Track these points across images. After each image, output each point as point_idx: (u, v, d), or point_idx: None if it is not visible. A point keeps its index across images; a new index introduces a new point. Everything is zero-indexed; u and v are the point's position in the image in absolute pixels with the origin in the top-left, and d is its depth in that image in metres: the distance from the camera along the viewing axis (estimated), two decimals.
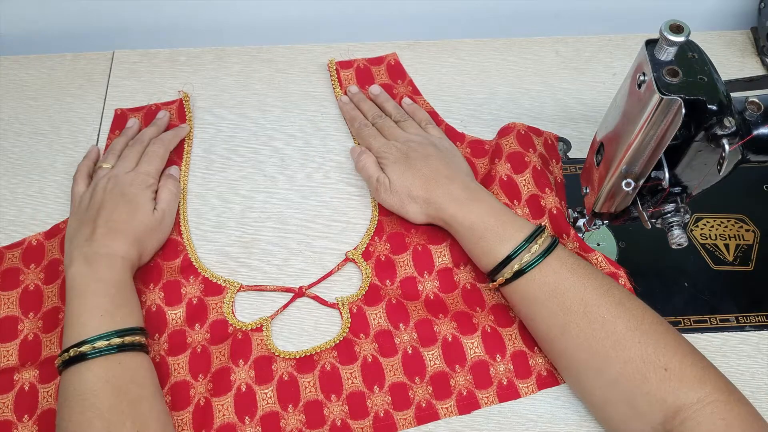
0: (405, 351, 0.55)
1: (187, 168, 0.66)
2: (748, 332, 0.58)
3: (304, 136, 0.69)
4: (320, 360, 0.55)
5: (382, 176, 0.60)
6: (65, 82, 0.72)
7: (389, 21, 0.79)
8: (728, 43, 0.76)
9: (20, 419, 0.53)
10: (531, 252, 0.52)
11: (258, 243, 0.62)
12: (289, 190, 0.65)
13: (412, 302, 0.58)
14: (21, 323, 0.57)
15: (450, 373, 0.55)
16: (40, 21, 0.76)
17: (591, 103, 0.71)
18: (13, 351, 0.56)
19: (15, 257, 0.60)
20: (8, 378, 0.54)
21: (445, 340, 0.56)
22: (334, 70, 0.71)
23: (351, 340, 0.56)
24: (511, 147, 0.62)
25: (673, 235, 0.52)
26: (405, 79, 0.71)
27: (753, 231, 0.63)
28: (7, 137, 0.68)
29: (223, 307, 0.58)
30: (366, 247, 0.61)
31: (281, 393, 0.54)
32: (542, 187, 0.60)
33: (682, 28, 0.43)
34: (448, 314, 0.57)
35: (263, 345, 0.56)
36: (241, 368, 0.54)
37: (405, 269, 0.59)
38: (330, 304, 0.58)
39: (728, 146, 0.44)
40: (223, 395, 0.53)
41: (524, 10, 0.79)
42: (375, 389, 0.54)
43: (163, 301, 0.57)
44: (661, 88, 0.43)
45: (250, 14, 0.78)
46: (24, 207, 0.64)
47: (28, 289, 0.58)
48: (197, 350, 0.55)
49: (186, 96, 0.69)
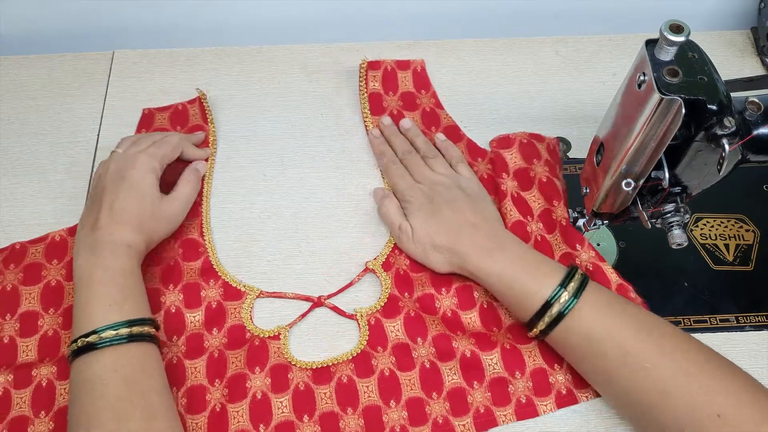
0: (423, 365, 0.54)
1: (212, 170, 0.65)
2: (748, 332, 0.58)
3: (304, 136, 0.69)
4: (337, 372, 0.55)
5: (404, 224, 0.59)
6: (65, 82, 0.72)
7: (389, 21, 0.79)
8: (728, 43, 0.76)
9: (37, 415, 0.53)
10: (561, 302, 0.50)
11: (258, 243, 0.62)
12: (289, 190, 0.65)
13: (430, 316, 0.57)
14: (41, 318, 0.57)
15: (468, 389, 0.54)
16: (40, 21, 0.76)
17: (591, 103, 0.71)
18: (32, 346, 0.56)
19: (38, 252, 0.60)
20: (26, 373, 0.54)
21: (464, 355, 0.55)
22: (364, 71, 0.70)
23: (368, 353, 0.55)
24: (516, 163, 0.61)
25: (673, 235, 0.52)
26: (429, 90, 0.70)
27: (753, 231, 0.63)
28: (7, 137, 0.68)
29: (242, 312, 0.57)
30: (386, 258, 0.60)
31: (297, 402, 0.53)
32: (551, 199, 0.60)
33: (682, 28, 0.43)
34: (466, 332, 0.56)
35: (280, 353, 0.55)
36: (257, 375, 0.54)
37: (423, 287, 0.58)
38: (348, 315, 0.58)
39: (728, 146, 0.44)
40: (239, 402, 0.53)
41: (524, 10, 0.79)
42: (391, 404, 0.53)
43: (182, 303, 0.57)
44: (661, 88, 0.43)
45: (250, 14, 0.78)
46: (24, 207, 0.64)
47: (49, 285, 0.58)
48: (214, 355, 0.55)
49: (203, 95, 0.69)
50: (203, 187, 0.64)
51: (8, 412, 0.53)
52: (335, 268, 0.61)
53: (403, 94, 0.70)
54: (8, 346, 0.56)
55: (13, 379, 0.54)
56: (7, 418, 0.52)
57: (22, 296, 0.57)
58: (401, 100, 0.69)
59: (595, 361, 0.50)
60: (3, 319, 0.57)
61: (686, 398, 0.45)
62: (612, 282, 0.57)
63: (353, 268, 0.61)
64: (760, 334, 0.58)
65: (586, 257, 0.58)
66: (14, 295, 0.58)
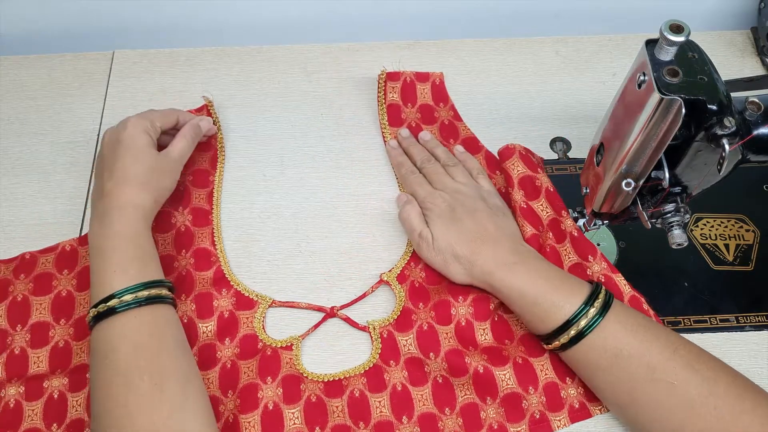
0: (435, 380, 0.54)
1: (221, 175, 0.65)
2: (748, 332, 0.58)
3: (303, 136, 0.69)
4: (349, 385, 0.54)
5: (425, 231, 0.58)
6: (65, 82, 0.72)
7: (389, 21, 0.79)
8: (728, 43, 0.76)
9: (49, 427, 0.52)
10: (588, 317, 0.50)
11: (258, 243, 0.62)
12: (289, 190, 0.65)
13: (443, 327, 0.56)
14: (52, 329, 0.56)
15: (481, 405, 0.53)
16: (40, 21, 0.76)
17: (591, 103, 0.71)
18: (43, 357, 0.55)
19: (48, 262, 0.59)
20: (38, 385, 0.53)
21: (477, 371, 0.54)
22: (383, 82, 0.69)
23: (381, 366, 0.55)
24: (519, 171, 0.61)
25: (673, 235, 0.52)
26: (447, 103, 0.70)
27: (753, 231, 0.63)
28: (7, 137, 0.68)
29: (254, 322, 0.57)
30: (401, 270, 0.60)
31: (308, 414, 0.53)
32: (558, 210, 0.60)
33: (682, 28, 0.43)
34: (478, 348, 0.56)
35: (292, 364, 0.55)
36: (269, 386, 0.54)
37: (440, 295, 0.58)
38: (361, 327, 0.57)
39: (728, 146, 0.44)
40: (251, 412, 0.52)
41: (524, 10, 0.79)
42: (404, 420, 0.53)
43: (194, 314, 0.57)
44: (661, 88, 0.43)
45: (250, 14, 0.78)
46: (24, 207, 0.64)
47: (60, 295, 0.58)
48: (227, 366, 0.55)
49: (210, 102, 0.69)
50: (213, 195, 0.63)
51: (20, 424, 0.52)
52: (335, 268, 0.61)
53: (422, 106, 0.69)
54: (19, 357, 0.55)
55: (25, 391, 0.53)
56: (19, 431, 0.52)
57: (33, 307, 0.57)
58: (419, 113, 0.69)
59: (620, 377, 0.49)
60: (14, 330, 0.56)
61: (713, 416, 0.45)
62: (624, 294, 0.57)
63: (354, 269, 0.61)
64: (760, 334, 0.58)
65: (598, 268, 0.58)
66: (25, 306, 0.57)
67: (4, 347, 0.56)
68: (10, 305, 0.57)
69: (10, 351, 0.55)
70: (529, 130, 0.68)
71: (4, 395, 0.53)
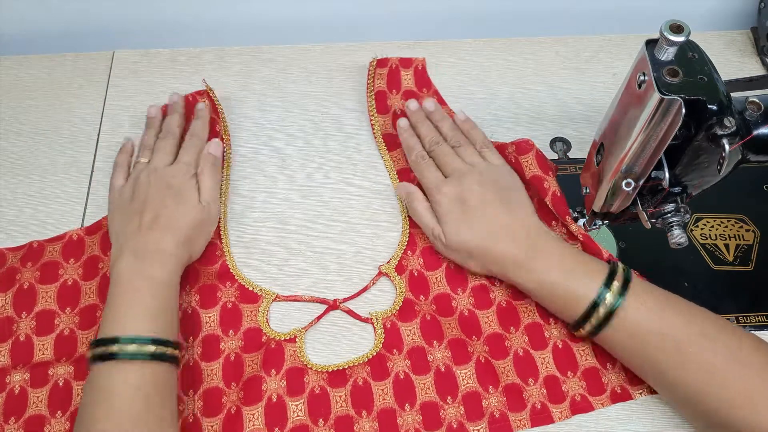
0: (438, 369, 0.55)
1: (229, 170, 0.65)
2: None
3: (304, 136, 0.69)
4: (352, 375, 0.55)
5: (437, 229, 0.58)
6: (65, 82, 0.72)
7: (389, 21, 0.79)
8: (728, 43, 0.76)
9: (54, 414, 0.52)
10: (606, 303, 0.50)
11: (258, 243, 0.62)
12: (289, 190, 0.65)
13: (446, 318, 0.57)
14: (57, 317, 0.57)
15: (483, 394, 0.54)
16: (40, 21, 0.76)
17: (591, 103, 0.71)
18: (48, 345, 0.56)
19: (55, 251, 0.60)
20: (43, 372, 0.54)
21: (479, 360, 0.55)
22: (373, 69, 0.69)
23: (384, 355, 0.55)
24: (531, 170, 0.60)
25: (673, 235, 0.52)
26: (431, 88, 0.70)
27: (753, 231, 0.63)
28: (7, 137, 0.68)
29: (258, 316, 0.57)
30: (399, 261, 0.60)
31: (312, 406, 0.53)
32: (563, 215, 0.60)
33: (682, 28, 0.43)
34: (481, 337, 0.56)
35: (296, 356, 0.55)
36: (272, 378, 0.54)
37: (438, 286, 0.59)
38: (364, 318, 0.58)
39: (728, 146, 0.44)
40: (254, 404, 0.53)
41: (524, 10, 0.79)
42: (406, 407, 0.53)
43: (198, 304, 0.57)
44: (661, 88, 0.43)
45: (250, 14, 0.78)
46: (24, 207, 0.64)
47: (66, 284, 0.58)
48: (231, 358, 0.55)
49: (210, 89, 0.69)
50: (220, 188, 0.63)
51: (24, 410, 0.53)
52: (335, 268, 0.61)
53: (405, 92, 0.70)
54: (24, 344, 0.56)
55: (30, 377, 0.54)
56: (24, 417, 0.52)
57: (39, 294, 0.57)
58: (404, 99, 0.69)
59: (647, 355, 0.50)
60: (19, 317, 0.57)
61: (742, 383, 0.47)
62: None
63: (354, 268, 0.61)
64: (760, 334, 0.58)
65: None
66: (31, 293, 0.58)
67: (10, 334, 0.56)
68: (17, 293, 0.57)
69: (15, 338, 0.56)
70: (529, 130, 0.68)
71: (9, 381, 0.54)
